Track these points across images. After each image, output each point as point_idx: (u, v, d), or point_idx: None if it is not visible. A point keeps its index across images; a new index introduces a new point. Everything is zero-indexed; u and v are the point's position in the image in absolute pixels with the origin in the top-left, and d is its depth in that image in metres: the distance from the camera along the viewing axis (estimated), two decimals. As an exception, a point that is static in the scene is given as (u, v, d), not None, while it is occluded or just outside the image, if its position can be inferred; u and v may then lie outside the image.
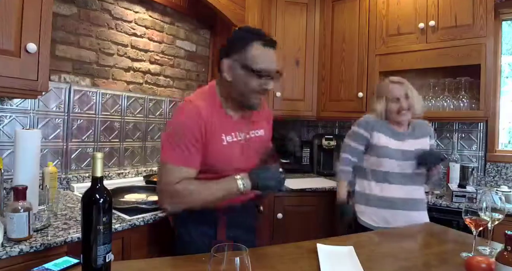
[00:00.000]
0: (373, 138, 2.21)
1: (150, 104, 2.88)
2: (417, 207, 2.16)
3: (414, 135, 2.23)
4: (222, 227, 1.58)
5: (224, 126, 1.54)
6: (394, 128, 2.23)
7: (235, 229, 1.59)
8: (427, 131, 2.29)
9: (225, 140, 1.53)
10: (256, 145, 1.64)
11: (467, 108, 2.81)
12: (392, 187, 2.14)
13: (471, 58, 2.66)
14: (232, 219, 1.59)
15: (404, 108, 2.16)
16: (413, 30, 2.93)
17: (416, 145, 2.19)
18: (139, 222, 1.78)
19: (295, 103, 3.59)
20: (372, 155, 2.23)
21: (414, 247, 1.58)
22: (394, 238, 1.74)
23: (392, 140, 2.19)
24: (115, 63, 2.63)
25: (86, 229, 1.05)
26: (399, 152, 2.16)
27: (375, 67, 3.14)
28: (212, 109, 1.52)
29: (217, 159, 1.51)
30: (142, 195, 2.21)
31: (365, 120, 2.29)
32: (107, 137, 2.58)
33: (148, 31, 2.86)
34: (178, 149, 1.45)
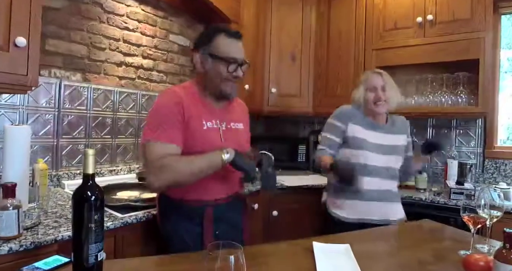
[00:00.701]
0: (349, 129, 2.20)
1: (143, 100, 2.86)
2: (392, 199, 2.18)
3: (392, 130, 2.25)
4: (208, 224, 1.62)
5: (204, 112, 1.65)
6: (372, 120, 2.24)
7: (221, 225, 1.64)
8: (405, 128, 2.32)
9: (205, 124, 1.63)
10: (236, 136, 1.75)
11: (466, 103, 2.82)
12: (366, 179, 2.11)
13: (469, 53, 2.67)
14: (218, 215, 1.64)
15: (379, 98, 2.17)
16: (410, 24, 2.94)
17: (393, 140, 2.22)
18: (131, 220, 1.77)
19: (291, 99, 3.59)
20: (347, 147, 2.21)
21: (411, 245, 1.58)
22: (391, 236, 1.75)
23: (368, 132, 2.20)
24: (107, 57, 2.62)
25: (77, 227, 1.05)
26: (375, 145, 2.17)
27: (372, 62, 3.14)
28: (191, 97, 1.65)
29: (198, 143, 1.58)
30: (135, 193, 2.20)
31: (340, 111, 2.29)
32: (98, 133, 2.56)
33: (141, 25, 2.84)
34: (161, 128, 1.54)
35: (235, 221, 1.73)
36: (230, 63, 1.64)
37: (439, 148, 2.21)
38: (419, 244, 1.59)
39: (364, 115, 2.25)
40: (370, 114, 2.25)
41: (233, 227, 1.70)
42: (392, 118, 2.31)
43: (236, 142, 1.71)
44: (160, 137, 1.53)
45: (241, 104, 1.94)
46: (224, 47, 1.65)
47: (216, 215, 1.64)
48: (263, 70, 3.56)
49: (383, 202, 2.13)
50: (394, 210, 2.17)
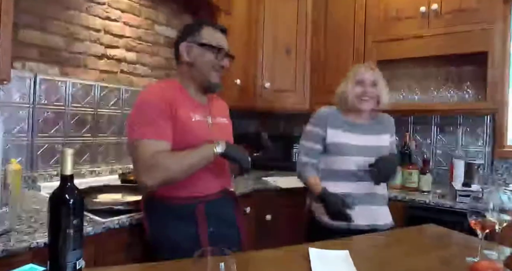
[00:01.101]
0: (328, 135, 2.18)
1: (126, 95, 2.84)
2: (378, 203, 2.15)
3: (374, 129, 2.23)
4: (202, 221, 1.66)
5: (191, 105, 1.73)
6: (352, 119, 2.22)
7: (215, 223, 1.68)
8: (389, 127, 2.29)
9: (193, 117, 1.70)
10: (223, 130, 1.85)
11: (473, 100, 2.83)
12: (349, 184, 2.11)
13: (477, 45, 2.66)
14: (211, 212, 1.68)
15: (367, 92, 2.15)
16: (413, 14, 2.93)
17: (376, 141, 2.20)
18: (114, 225, 1.76)
19: (285, 95, 3.58)
20: (328, 154, 2.19)
21: (415, 251, 1.58)
22: (393, 242, 1.74)
23: (349, 134, 2.17)
24: (87, 50, 2.59)
25: (54, 233, 1.03)
26: (356, 147, 2.14)
27: (372, 55, 3.13)
28: (176, 91, 1.73)
29: (188, 135, 1.65)
30: (118, 195, 2.19)
31: (317, 116, 2.26)
32: (78, 132, 2.54)
33: (124, 15, 2.82)
34: (148, 125, 1.59)
35: (229, 218, 1.78)
36: (217, 51, 1.75)
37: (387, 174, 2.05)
38: (424, 250, 1.59)
39: (344, 114, 2.23)
40: (352, 112, 2.22)
41: (229, 225, 1.75)
42: (375, 116, 2.28)
43: (224, 135, 1.79)
44: (148, 134, 1.58)
45: (223, 103, 2.05)
46: (211, 37, 1.77)
47: (209, 212, 1.68)
48: (256, 64, 3.55)
49: (368, 206, 2.11)
50: (380, 214, 2.15)
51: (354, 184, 2.11)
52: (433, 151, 3.25)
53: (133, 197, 2.08)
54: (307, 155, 2.24)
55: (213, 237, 1.65)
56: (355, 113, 2.22)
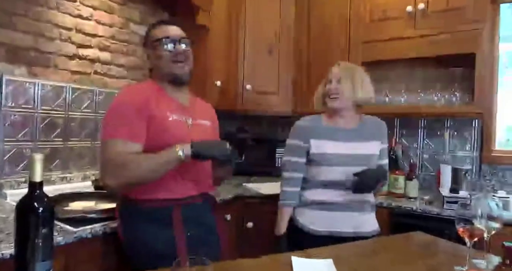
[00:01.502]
0: (312, 146, 2.14)
1: (100, 98, 2.82)
2: (364, 210, 2.14)
3: (361, 135, 2.17)
4: (178, 225, 1.68)
5: (169, 105, 1.77)
6: (335, 125, 2.19)
7: (193, 227, 1.70)
8: (380, 133, 2.24)
9: (171, 116, 1.73)
10: (203, 132, 1.85)
11: (460, 102, 2.86)
12: (335, 193, 2.11)
13: (464, 46, 2.69)
14: (188, 216, 1.70)
15: (330, 91, 2.15)
16: (400, 14, 2.95)
17: (363, 148, 2.15)
18: (86, 234, 1.74)
19: (268, 97, 3.59)
20: (310, 164, 2.17)
21: (401, 260, 1.59)
22: (378, 250, 1.76)
23: (332, 142, 2.13)
24: (57, 49, 2.57)
25: (21, 244, 1.02)
26: (340, 156, 2.11)
27: (358, 56, 3.15)
28: (154, 92, 1.77)
29: (164, 135, 1.68)
30: (91, 203, 2.17)
31: (296, 128, 2.25)
32: (48, 136, 2.52)
33: (96, 13, 2.81)
34: (121, 125, 1.64)
35: (208, 223, 1.81)
36: (164, 42, 1.79)
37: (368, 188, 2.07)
38: (411, 259, 1.60)
39: (327, 120, 2.21)
40: (334, 116, 2.21)
41: (208, 230, 1.78)
42: (364, 120, 2.24)
43: (204, 137, 1.80)
44: (120, 135, 1.62)
45: (209, 106, 2.10)
46: (158, 32, 1.84)
47: (186, 215, 1.70)
48: (237, 65, 3.55)
49: (354, 213, 2.11)
50: (366, 221, 2.15)
51: (341, 192, 2.09)
52: (419, 156, 3.27)
53: (107, 204, 2.07)
54: (289, 171, 2.22)
55: (191, 242, 1.66)
56: (338, 117, 2.20)
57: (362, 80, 2.17)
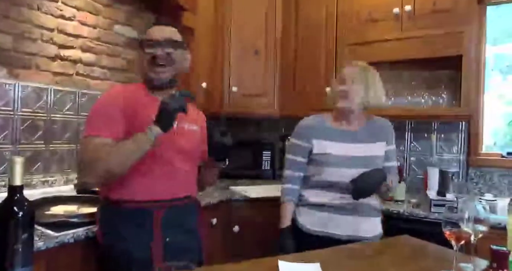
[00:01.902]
0: (314, 147, 2.17)
1: (82, 100, 2.80)
2: (367, 214, 2.14)
3: (366, 137, 2.18)
4: (157, 229, 1.67)
5: (152, 107, 1.66)
6: (339, 126, 2.21)
7: (173, 232, 1.69)
8: (386, 134, 2.24)
9: (153, 118, 1.65)
10: (189, 136, 1.83)
11: (447, 105, 2.89)
12: (333, 195, 2.11)
13: (451, 48, 2.72)
14: (169, 220, 1.70)
15: (340, 91, 2.14)
16: (386, 16, 2.98)
17: (368, 150, 2.15)
18: (68, 239, 1.73)
19: (254, 99, 3.60)
20: (311, 164, 2.19)
21: (387, 264, 1.60)
22: (365, 254, 1.76)
23: (335, 144, 2.14)
24: (39, 50, 2.54)
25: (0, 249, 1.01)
26: (343, 158, 2.11)
27: (344, 58, 3.18)
28: (139, 93, 1.79)
29: None
30: (73, 207, 2.15)
31: (300, 127, 2.27)
32: (29, 138, 2.49)
33: (80, 13, 2.78)
34: (99, 123, 1.66)
35: (190, 228, 1.81)
36: (149, 44, 1.75)
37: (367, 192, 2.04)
38: (398, 263, 1.61)
39: (332, 121, 2.23)
40: (340, 117, 2.21)
41: (189, 235, 1.77)
42: (370, 121, 2.25)
43: (189, 142, 1.81)
44: (97, 132, 1.65)
45: (198, 112, 2.06)
46: (148, 34, 1.80)
47: (167, 219, 1.70)
48: (223, 66, 3.56)
49: (353, 216, 2.10)
50: (367, 225, 2.14)
51: (341, 195, 2.09)
52: (407, 159, 3.31)
53: (89, 208, 2.05)
54: (290, 169, 2.26)
55: (169, 248, 1.66)
56: (343, 118, 2.21)
57: (375, 83, 2.17)
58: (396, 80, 3.23)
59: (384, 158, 2.21)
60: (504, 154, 2.96)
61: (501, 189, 2.93)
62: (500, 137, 3.14)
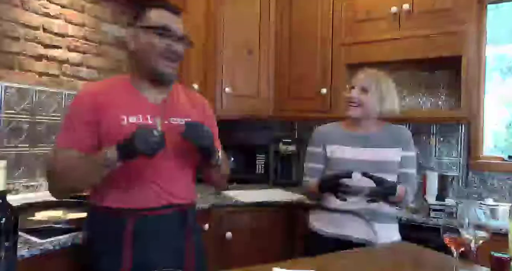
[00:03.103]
0: (328, 152, 2.25)
1: (69, 101, 2.79)
2: (381, 220, 2.15)
3: (379, 142, 2.21)
4: (127, 242, 1.57)
5: (129, 106, 1.64)
6: (352, 130, 2.27)
7: (148, 247, 1.59)
8: (402, 141, 2.24)
9: (125, 120, 1.61)
10: (177, 133, 1.60)
11: (446, 107, 2.89)
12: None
13: (451, 48, 2.72)
14: (143, 233, 1.59)
15: (351, 99, 2.18)
16: (384, 15, 2.97)
17: (381, 155, 2.17)
18: (53, 246, 1.72)
19: (248, 101, 3.58)
20: (329, 168, 2.25)
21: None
22: (362, 261, 1.76)
23: (347, 148, 2.20)
24: (22, 49, 2.54)
25: (-18, 257, 1.00)
26: (356, 162, 2.14)
27: (340, 59, 3.19)
28: (116, 89, 1.70)
29: (116, 141, 1.48)
30: (58, 213, 2.14)
31: (315, 134, 2.36)
32: (12, 141, 2.49)
33: (65, 11, 2.78)
34: (67, 131, 1.64)
35: (171, 241, 1.65)
36: (165, 34, 1.64)
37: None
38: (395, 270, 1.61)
39: (345, 126, 2.30)
40: (352, 122, 2.28)
41: (167, 250, 1.62)
42: (387, 127, 2.29)
43: (176, 139, 1.61)
44: (61, 143, 1.64)
45: (196, 100, 1.92)
46: (158, 18, 1.66)
47: (140, 230, 1.58)
48: (215, 66, 3.54)
49: (366, 221, 2.12)
50: (384, 231, 2.14)
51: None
52: (405, 162, 3.30)
53: (76, 214, 2.04)
54: (309, 176, 2.33)
55: (139, 262, 1.56)
56: (355, 123, 2.26)
57: (389, 91, 2.22)
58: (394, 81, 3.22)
59: (400, 165, 2.22)
60: (505, 157, 2.96)
61: (503, 193, 2.91)
62: (501, 140, 3.15)
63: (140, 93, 1.70)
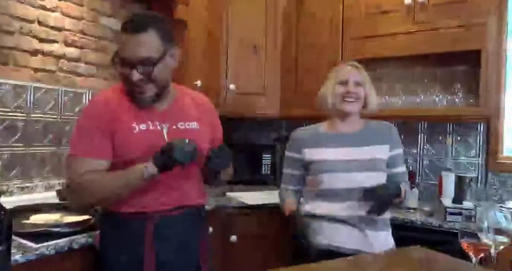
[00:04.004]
0: (305, 156, 2.21)
1: (66, 98, 2.80)
2: (373, 227, 2.11)
3: (365, 139, 2.19)
4: (148, 244, 1.69)
5: (138, 115, 1.75)
6: (335, 130, 2.24)
7: (168, 247, 1.72)
8: (387, 137, 2.24)
9: (136, 128, 1.72)
10: (186, 137, 1.71)
11: (464, 104, 2.86)
12: (336, 205, 2.10)
13: (469, 43, 2.69)
14: (162, 233, 1.71)
15: (351, 92, 2.16)
16: (397, 7, 2.94)
17: (367, 153, 2.16)
18: (49, 250, 1.72)
19: (253, 98, 3.57)
20: (309, 174, 2.22)
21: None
22: (371, 267, 1.75)
23: (331, 149, 2.17)
24: (17, 44, 2.54)
25: (-27, 262, 0.99)
26: (342, 162, 2.12)
27: (351, 53, 3.16)
28: (122, 100, 1.77)
29: (130, 149, 1.70)
30: (55, 216, 2.14)
31: (291, 139, 2.34)
32: (6, 141, 2.49)
33: (62, 4, 2.78)
34: (84, 140, 1.70)
35: (187, 241, 1.79)
36: (123, 66, 1.70)
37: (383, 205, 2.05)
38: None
39: (327, 127, 2.27)
40: (336, 120, 2.24)
41: (185, 250, 1.77)
42: (369, 124, 2.28)
43: None
44: (82, 152, 1.69)
45: (198, 100, 2.00)
46: (123, 46, 1.71)
47: (160, 232, 1.71)
48: (219, 62, 3.53)
49: (359, 229, 2.09)
50: (378, 239, 2.11)
51: (344, 205, 2.09)
52: (419, 163, 3.29)
53: (73, 217, 2.05)
54: (286, 183, 2.34)
55: (161, 263, 1.69)
56: (340, 121, 2.23)
57: (371, 85, 2.24)
58: (407, 77, 3.21)
59: (391, 164, 2.22)
60: (527, 157, 2.94)
61: (525, 196, 2.91)
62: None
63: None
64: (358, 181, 2.07)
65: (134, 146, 1.69)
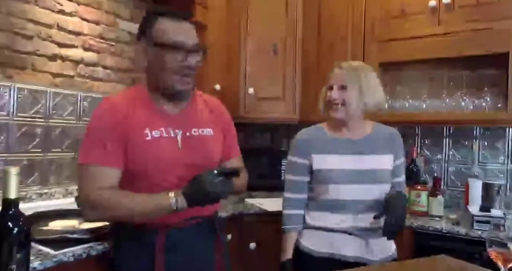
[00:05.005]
0: (314, 162, 2.12)
1: (84, 103, 2.83)
2: (375, 236, 2.06)
3: (371, 148, 2.12)
4: (159, 255, 1.65)
5: (151, 120, 1.69)
6: (339, 135, 2.16)
7: (179, 258, 1.68)
8: (393, 145, 2.17)
9: (149, 135, 1.66)
10: (200, 145, 1.75)
11: (491, 108, 2.84)
12: (340, 217, 2.07)
13: (496, 45, 2.67)
14: (173, 244, 1.68)
15: (332, 99, 2.08)
16: (422, 9, 2.93)
17: (372, 162, 2.09)
18: (67, 257, 1.73)
19: (272, 102, 3.58)
20: (316, 182, 2.14)
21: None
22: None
23: (335, 156, 2.09)
24: (36, 49, 2.57)
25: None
26: (347, 172, 2.06)
27: (373, 57, 3.14)
28: (136, 103, 1.71)
29: (142, 157, 1.64)
30: (73, 222, 2.15)
31: (297, 142, 2.22)
32: (25, 147, 2.51)
33: (80, 8, 2.81)
34: (96, 147, 1.62)
35: (201, 252, 1.75)
36: (176, 49, 1.63)
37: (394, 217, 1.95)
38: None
39: (330, 130, 2.19)
40: (338, 125, 2.17)
41: (198, 260, 1.73)
42: (375, 129, 2.19)
43: (200, 152, 1.74)
44: (94, 160, 1.61)
45: (213, 105, 1.94)
46: (166, 32, 1.65)
47: (171, 243, 1.67)
48: (238, 66, 3.55)
49: (361, 239, 2.06)
50: (378, 247, 2.08)
51: (348, 217, 2.05)
52: (445, 169, 3.26)
53: (92, 224, 2.03)
54: (290, 191, 2.22)
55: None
56: (342, 127, 2.16)
57: (369, 82, 2.10)
58: (432, 81, 3.19)
59: (393, 174, 2.16)
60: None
61: (555, 204, 2.86)
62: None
63: (159, 105, 1.74)
64: (362, 193, 2.03)
65: (145, 154, 1.63)
